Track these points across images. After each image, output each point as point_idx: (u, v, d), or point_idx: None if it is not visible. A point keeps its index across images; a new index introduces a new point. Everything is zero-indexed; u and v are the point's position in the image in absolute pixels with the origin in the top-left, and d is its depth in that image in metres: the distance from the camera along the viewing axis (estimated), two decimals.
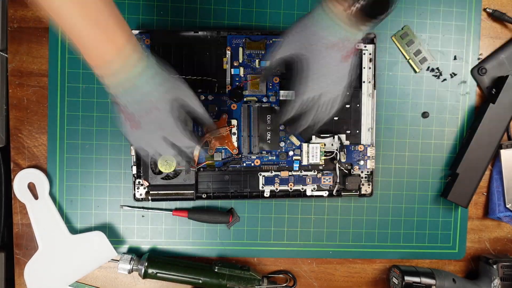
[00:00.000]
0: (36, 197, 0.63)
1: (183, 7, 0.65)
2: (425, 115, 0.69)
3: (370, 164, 0.66)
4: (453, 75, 0.69)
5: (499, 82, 0.67)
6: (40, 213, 0.63)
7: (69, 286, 0.65)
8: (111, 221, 0.66)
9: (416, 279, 0.65)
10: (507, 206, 0.69)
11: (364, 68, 0.65)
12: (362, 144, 0.66)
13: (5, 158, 0.65)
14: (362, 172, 0.67)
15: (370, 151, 0.66)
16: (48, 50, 0.63)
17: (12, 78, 0.64)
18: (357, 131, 0.66)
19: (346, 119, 0.66)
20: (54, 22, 0.41)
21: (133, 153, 0.62)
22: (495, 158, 0.70)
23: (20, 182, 0.63)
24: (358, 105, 0.66)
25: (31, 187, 0.64)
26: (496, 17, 0.68)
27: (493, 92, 0.68)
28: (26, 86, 0.64)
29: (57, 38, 0.63)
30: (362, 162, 0.66)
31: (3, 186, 0.66)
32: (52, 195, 0.64)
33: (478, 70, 0.69)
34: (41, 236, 0.63)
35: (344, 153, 0.65)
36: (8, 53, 0.63)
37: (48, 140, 0.64)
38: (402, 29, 0.68)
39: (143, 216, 0.66)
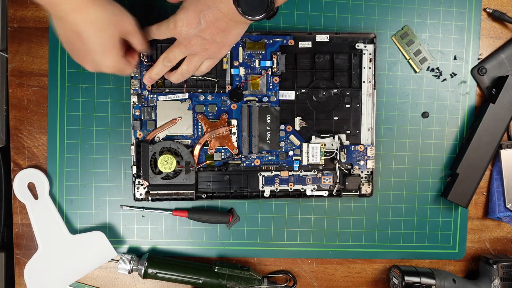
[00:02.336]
0: (36, 197, 0.63)
1: None
2: (425, 115, 0.69)
3: (370, 164, 0.66)
4: (453, 75, 0.69)
5: (499, 82, 0.68)
6: (40, 213, 0.63)
7: (69, 286, 0.65)
8: (111, 221, 0.66)
9: (416, 279, 0.65)
10: (507, 206, 0.69)
11: (364, 68, 0.65)
12: (362, 144, 0.66)
13: (5, 158, 0.65)
14: (362, 172, 0.67)
15: (370, 151, 0.66)
16: (48, 50, 0.63)
17: (12, 78, 0.64)
18: (357, 131, 0.66)
19: (346, 119, 0.66)
20: None
21: (133, 153, 0.62)
22: (495, 158, 0.70)
23: (20, 182, 0.63)
24: (358, 105, 0.66)
25: (31, 187, 0.64)
26: (496, 17, 0.68)
27: (493, 92, 0.68)
28: (26, 86, 0.64)
29: (57, 38, 0.63)
30: (362, 162, 0.66)
31: (3, 186, 0.66)
32: (52, 195, 0.64)
33: (478, 70, 0.69)
34: (41, 236, 0.63)
35: (344, 153, 0.65)
36: (8, 53, 0.63)
37: (48, 140, 0.64)
38: (402, 29, 0.68)
39: (143, 216, 0.66)
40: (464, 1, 0.68)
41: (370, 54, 0.65)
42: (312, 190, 0.66)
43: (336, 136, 0.65)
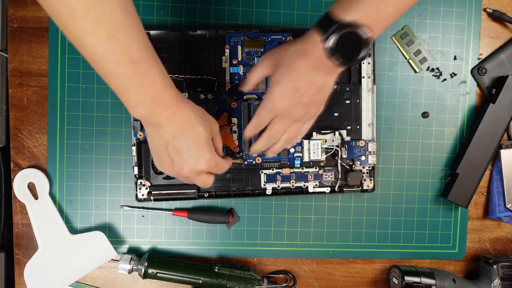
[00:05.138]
0: (36, 197, 0.63)
1: (183, 7, 0.65)
2: (425, 115, 0.69)
3: (372, 159, 0.66)
4: (453, 75, 0.69)
5: (499, 82, 0.68)
6: (40, 213, 0.63)
7: (69, 286, 0.65)
8: (111, 221, 0.66)
9: (416, 279, 0.65)
10: (507, 206, 0.69)
11: (363, 63, 0.65)
12: (363, 140, 0.66)
13: (5, 158, 0.65)
14: (363, 167, 0.67)
15: (371, 147, 0.66)
16: (48, 50, 0.63)
17: (12, 78, 0.63)
18: (358, 127, 0.66)
19: (346, 115, 0.66)
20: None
21: (134, 153, 0.62)
22: (495, 158, 0.70)
23: (20, 182, 0.63)
24: (358, 101, 0.66)
25: (31, 187, 0.64)
26: (496, 17, 0.68)
27: (493, 92, 0.68)
28: (26, 86, 0.64)
29: (57, 38, 0.63)
30: (363, 158, 0.66)
31: (3, 186, 0.66)
32: (52, 195, 0.64)
33: (478, 70, 0.69)
34: (41, 236, 0.63)
35: (346, 149, 0.65)
36: (8, 53, 0.63)
37: (48, 140, 0.64)
38: (402, 29, 0.68)
39: (143, 216, 0.66)
40: (464, 1, 0.68)
41: (369, 49, 0.65)
42: (314, 187, 0.66)
43: (337, 132, 0.65)
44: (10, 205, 0.65)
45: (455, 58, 0.69)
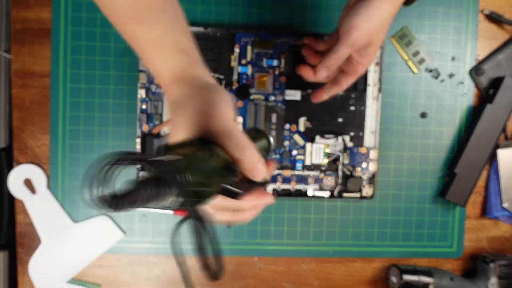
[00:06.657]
0: (34, 191, 0.64)
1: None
2: (423, 115, 0.70)
3: (372, 167, 0.66)
4: (451, 75, 0.70)
5: (496, 83, 0.68)
6: (39, 207, 0.63)
7: (70, 284, 0.65)
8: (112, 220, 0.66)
9: (415, 278, 0.66)
10: (504, 205, 0.70)
11: (370, 71, 0.66)
12: (365, 147, 0.66)
13: (8, 158, 0.66)
14: (364, 174, 0.67)
15: (373, 154, 0.66)
16: (50, 51, 0.64)
17: (15, 79, 0.64)
18: (361, 134, 0.67)
19: (350, 121, 0.66)
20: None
21: (138, 146, 0.62)
22: (492, 158, 0.71)
23: (15, 178, 0.63)
24: (362, 108, 0.66)
25: (29, 183, 0.64)
26: (493, 18, 0.69)
27: (491, 93, 0.68)
28: (29, 87, 0.64)
29: (59, 39, 0.64)
30: (364, 165, 0.66)
31: (5, 185, 0.66)
32: (54, 194, 0.65)
33: (475, 71, 0.69)
34: (42, 228, 0.63)
35: (347, 154, 0.66)
36: (11, 54, 0.64)
37: (50, 140, 0.65)
38: (401, 30, 0.69)
39: (144, 215, 0.67)
40: (462, 2, 0.69)
41: (376, 57, 0.66)
42: (314, 190, 0.66)
43: (339, 138, 0.66)
44: (13, 204, 0.65)
45: (453, 59, 0.70)
